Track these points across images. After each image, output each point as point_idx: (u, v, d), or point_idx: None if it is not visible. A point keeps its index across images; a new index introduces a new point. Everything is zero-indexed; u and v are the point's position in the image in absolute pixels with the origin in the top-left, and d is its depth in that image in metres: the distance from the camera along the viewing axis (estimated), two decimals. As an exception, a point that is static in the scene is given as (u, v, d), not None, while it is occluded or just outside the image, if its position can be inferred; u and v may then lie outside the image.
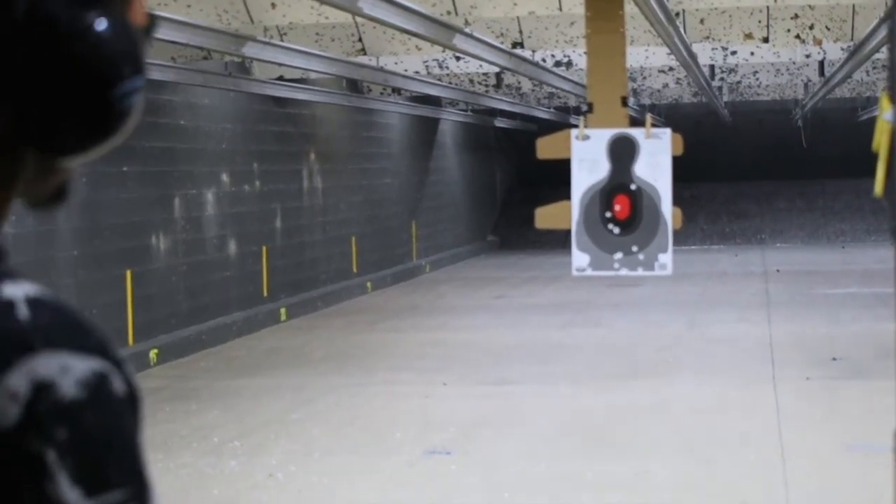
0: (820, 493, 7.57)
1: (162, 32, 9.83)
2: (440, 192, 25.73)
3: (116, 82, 1.26)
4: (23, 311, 1.19)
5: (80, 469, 1.18)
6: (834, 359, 12.39)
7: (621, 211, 6.50)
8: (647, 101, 24.14)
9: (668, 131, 6.68)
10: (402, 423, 9.73)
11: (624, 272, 6.53)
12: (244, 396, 11.08)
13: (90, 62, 1.25)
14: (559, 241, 25.60)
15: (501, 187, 32.30)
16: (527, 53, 13.14)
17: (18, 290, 1.20)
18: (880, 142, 1.24)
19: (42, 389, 1.17)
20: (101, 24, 1.25)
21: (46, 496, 1.17)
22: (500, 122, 28.05)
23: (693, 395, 10.73)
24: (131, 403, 1.22)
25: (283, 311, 16.52)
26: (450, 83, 18.15)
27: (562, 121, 26.17)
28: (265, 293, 16.35)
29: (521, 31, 12.89)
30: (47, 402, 1.17)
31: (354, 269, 19.87)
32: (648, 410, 10.12)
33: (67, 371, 1.18)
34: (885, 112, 1.22)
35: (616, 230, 6.49)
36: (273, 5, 10.97)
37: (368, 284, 20.06)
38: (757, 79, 18.12)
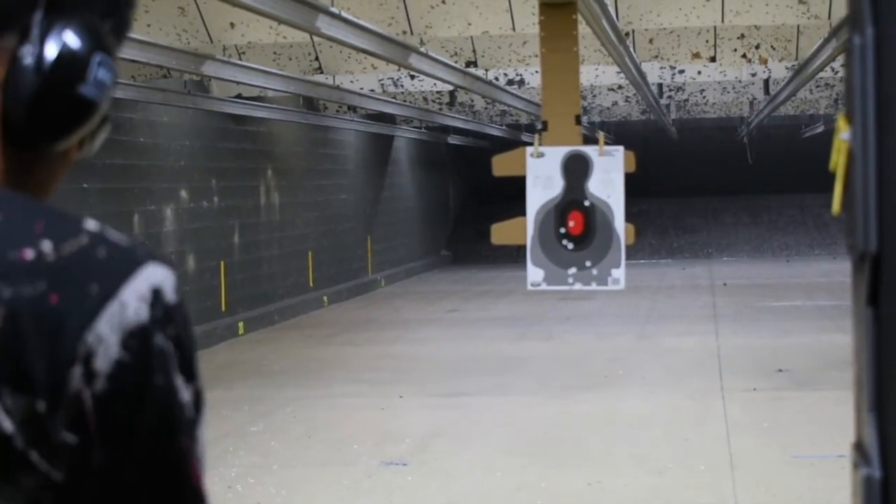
0: (768, 502, 7.62)
1: (122, 51, 9.95)
2: (395, 207, 25.82)
3: (79, 78, 1.42)
4: (115, 236, 1.40)
5: (182, 359, 1.39)
6: (780, 370, 12.48)
7: (575, 227, 6.47)
8: (596, 119, 24.23)
9: (620, 149, 6.63)
10: (359, 435, 9.73)
11: (578, 287, 6.51)
12: (203, 409, 11.16)
13: (55, 65, 1.41)
14: (511, 255, 25.75)
15: (454, 203, 32.37)
16: (480, 72, 13.27)
17: (97, 225, 1.41)
18: (837, 161, 1.42)
19: (157, 293, 1.38)
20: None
21: (169, 380, 1.37)
22: (453, 139, 28.15)
23: (643, 406, 10.77)
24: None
25: (240, 324, 16.56)
26: (404, 101, 18.27)
27: (513, 138, 26.36)
28: (223, 307, 16.41)
29: (474, 51, 13.04)
30: (161, 304, 1.38)
31: (311, 284, 19.95)
32: (600, 421, 10.16)
33: (167, 279, 1.39)
34: (842, 132, 1.40)
35: (570, 246, 6.46)
36: (232, 25, 11.08)
37: (325, 298, 20.13)
38: (704, 97, 18.31)
